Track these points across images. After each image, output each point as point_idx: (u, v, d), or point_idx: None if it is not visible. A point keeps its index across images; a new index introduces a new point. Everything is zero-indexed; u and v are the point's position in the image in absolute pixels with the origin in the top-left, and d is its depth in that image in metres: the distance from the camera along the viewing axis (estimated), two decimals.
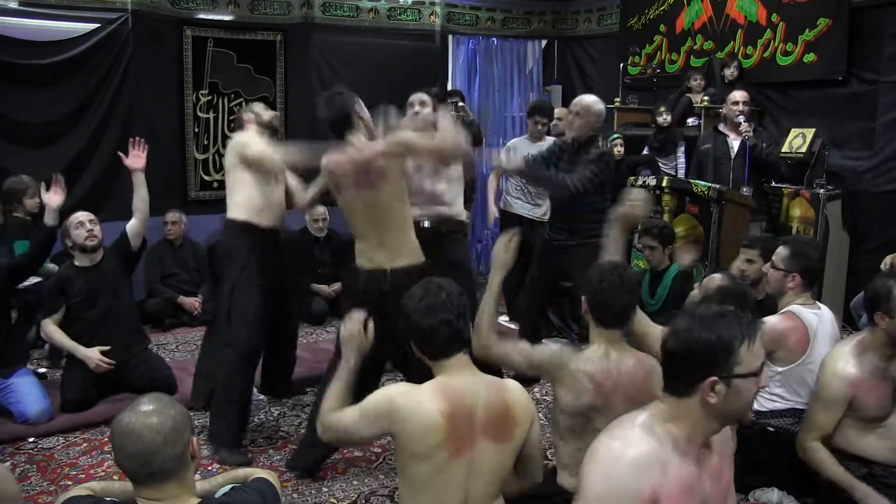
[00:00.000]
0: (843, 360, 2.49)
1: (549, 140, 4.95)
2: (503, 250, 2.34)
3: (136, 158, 3.60)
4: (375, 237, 2.81)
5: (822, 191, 4.64)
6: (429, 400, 1.82)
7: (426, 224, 3.49)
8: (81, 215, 3.70)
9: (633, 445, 1.49)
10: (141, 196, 3.68)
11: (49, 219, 3.46)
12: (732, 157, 4.45)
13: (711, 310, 1.55)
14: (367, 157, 2.73)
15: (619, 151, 5.27)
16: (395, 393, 1.89)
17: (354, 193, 2.79)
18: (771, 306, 2.99)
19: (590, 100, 3.82)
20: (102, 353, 3.54)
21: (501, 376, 2.25)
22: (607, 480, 1.47)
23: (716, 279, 2.98)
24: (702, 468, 1.56)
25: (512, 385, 1.99)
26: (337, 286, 5.08)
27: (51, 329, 3.60)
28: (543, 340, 4.20)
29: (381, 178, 2.73)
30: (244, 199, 3.27)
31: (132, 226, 3.75)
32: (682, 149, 5.33)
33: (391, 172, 2.75)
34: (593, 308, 2.23)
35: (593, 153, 3.72)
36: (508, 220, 5.02)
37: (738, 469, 1.79)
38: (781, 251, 2.84)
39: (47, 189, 3.46)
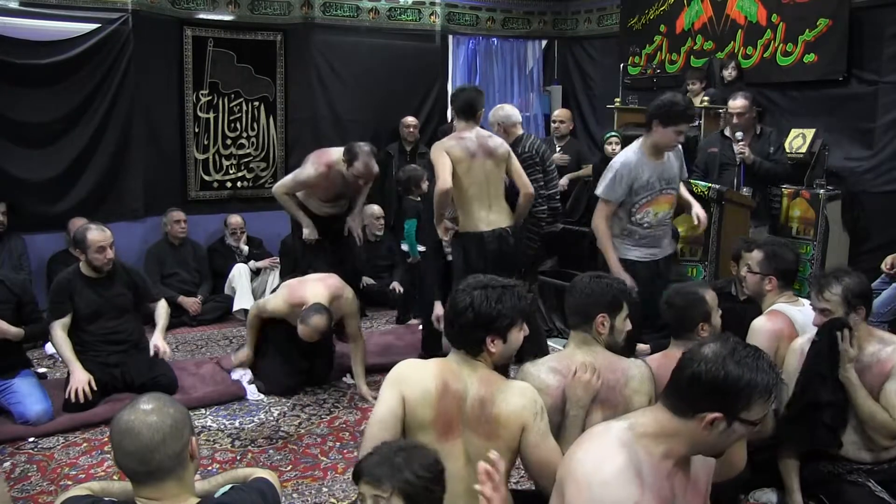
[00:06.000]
0: (802, 340, 2.60)
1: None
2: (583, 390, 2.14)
3: None
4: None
5: (822, 191, 4.64)
6: (428, 372, 1.95)
7: None
8: (101, 238, 3.56)
9: (612, 459, 1.48)
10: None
11: None
12: (738, 163, 4.42)
13: (751, 349, 1.54)
14: None
15: (615, 150, 5.25)
16: (403, 363, 2.02)
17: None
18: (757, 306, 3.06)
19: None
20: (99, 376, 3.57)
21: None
22: (590, 495, 1.47)
23: None
24: (672, 482, 1.55)
25: (513, 387, 1.96)
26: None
27: (58, 335, 3.56)
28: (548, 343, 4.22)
29: None
30: None
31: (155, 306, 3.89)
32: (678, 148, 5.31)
33: None
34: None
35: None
36: None
37: None
38: (756, 255, 2.89)
39: None
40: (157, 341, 3.75)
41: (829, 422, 2.47)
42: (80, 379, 3.46)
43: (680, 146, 3.55)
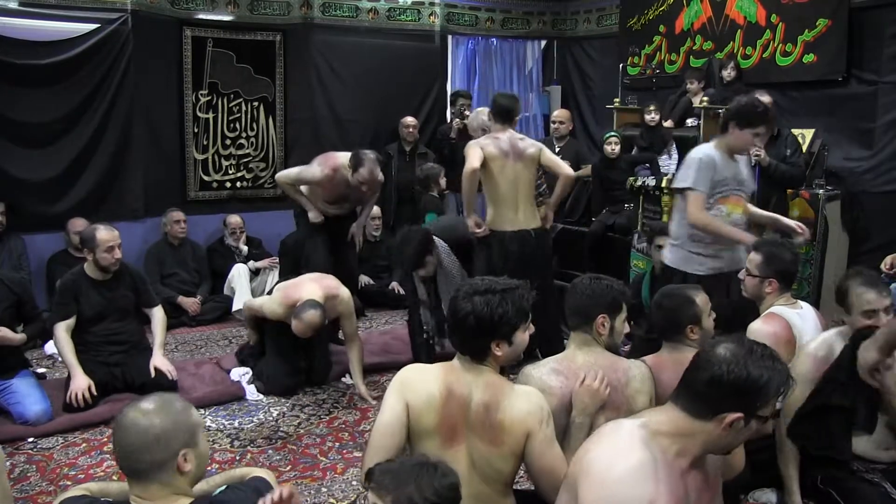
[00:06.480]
0: (816, 343, 2.55)
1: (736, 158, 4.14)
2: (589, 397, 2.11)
3: None
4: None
5: (821, 191, 4.64)
6: (432, 377, 1.93)
7: None
8: (110, 238, 3.53)
9: (627, 456, 1.49)
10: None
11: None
12: (753, 164, 4.36)
13: (765, 349, 1.55)
14: None
15: (614, 150, 5.26)
16: (408, 368, 2.01)
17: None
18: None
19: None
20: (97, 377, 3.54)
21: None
22: (605, 493, 1.47)
23: None
24: (686, 481, 1.55)
25: (519, 393, 1.93)
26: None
27: (62, 337, 3.53)
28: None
29: None
30: None
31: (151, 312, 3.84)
32: (674, 148, 5.32)
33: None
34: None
35: None
36: None
37: None
38: (755, 257, 2.84)
39: None
40: (159, 363, 3.68)
41: (838, 427, 2.45)
42: (80, 385, 3.46)
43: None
